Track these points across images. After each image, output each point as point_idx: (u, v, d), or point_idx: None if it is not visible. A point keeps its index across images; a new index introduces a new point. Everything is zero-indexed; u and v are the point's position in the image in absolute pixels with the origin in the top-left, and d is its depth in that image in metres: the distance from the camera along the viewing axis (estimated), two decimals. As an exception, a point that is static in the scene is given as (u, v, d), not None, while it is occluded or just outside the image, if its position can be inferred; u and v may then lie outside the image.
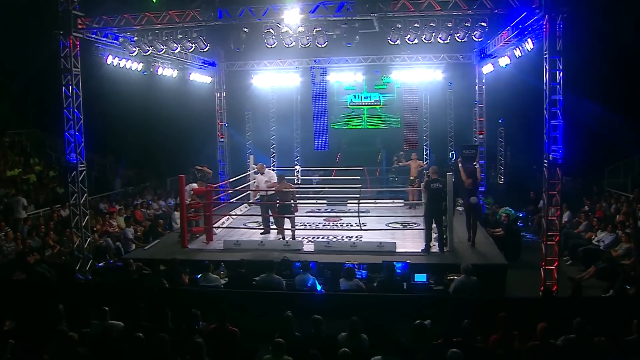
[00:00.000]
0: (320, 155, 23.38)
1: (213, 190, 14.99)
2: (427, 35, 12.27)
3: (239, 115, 23.87)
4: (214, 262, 12.57)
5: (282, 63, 20.35)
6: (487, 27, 11.98)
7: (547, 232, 11.85)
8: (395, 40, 12.64)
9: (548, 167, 11.67)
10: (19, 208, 16.64)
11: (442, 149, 23.86)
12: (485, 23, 11.91)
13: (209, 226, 14.70)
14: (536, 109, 21.61)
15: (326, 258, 13.02)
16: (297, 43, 12.73)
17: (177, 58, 17.53)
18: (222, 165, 21.49)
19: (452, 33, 12.19)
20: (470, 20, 11.92)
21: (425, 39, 12.36)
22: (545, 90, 11.62)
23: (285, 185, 14.71)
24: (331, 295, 10.93)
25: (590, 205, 18.46)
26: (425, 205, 13.69)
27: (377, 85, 23.65)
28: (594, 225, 15.79)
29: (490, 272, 12.25)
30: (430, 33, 12.23)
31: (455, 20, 12.04)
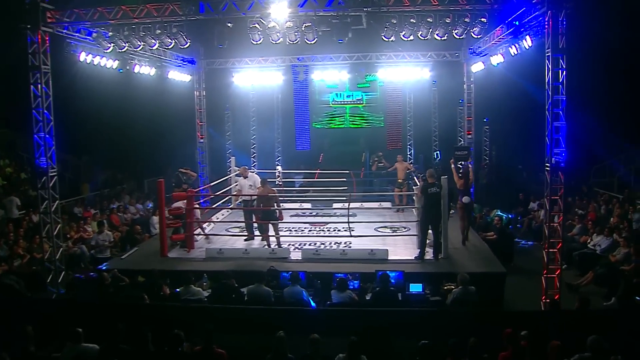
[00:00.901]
0: (302, 156, 22.63)
1: (194, 195, 13.95)
2: (423, 31, 11.47)
3: (219, 115, 23.03)
4: (195, 273, 11.71)
5: (265, 61, 19.41)
6: (487, 23, 11.17)
7: (549, 239, 11.11)
8: (389, 37, 11.81)
9: (550, 171, 10.93)
10: (12, 208, 16.13)
11: (426, 149, 23.16)
12: (485, 19, 11.10)
13: (190, 233, 13.72)
14: (524, 108, 21.34)
15: (315, 267, 12.21)
16: (285, 39, 11.82)
17: (154, 55, 16.50)
18: (202, 167, 20.49)
19: (449, 29, 11.37)
20: (469, 16, 11.09)
21: (422, 35, 11.57)
22: (547, 90, 10.90)
23: (268, 190, 13.77)
24: (326, 311, 10.13)
25: (579, 206, 17.83)
26: (421, 211, 12.85)
27: (360, 83, 22.79)
28: (589, 228, 15.12)
29: (488, 280, 11.50)
30: (426, 29, 11.43)
31: (454, 16, 11.21)
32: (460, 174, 14.48)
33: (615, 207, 16.67)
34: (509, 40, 13.85)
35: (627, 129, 20.22)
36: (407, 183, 17.72)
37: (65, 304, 10.66)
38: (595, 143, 20.37)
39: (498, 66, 15.87)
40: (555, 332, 8.15)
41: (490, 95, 19.66)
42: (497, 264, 12.33)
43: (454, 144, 19.47)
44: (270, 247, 13.57)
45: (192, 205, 13.73)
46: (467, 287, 10.27)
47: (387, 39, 11.90)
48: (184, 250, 13.76)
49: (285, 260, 12.86)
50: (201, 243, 14.20)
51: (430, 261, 12.62)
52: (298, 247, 13.80)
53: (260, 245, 13.94)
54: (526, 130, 21.36)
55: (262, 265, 12.19)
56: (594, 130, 19.52)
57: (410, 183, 17.63)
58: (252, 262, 12.65)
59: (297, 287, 10.58)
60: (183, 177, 15.01)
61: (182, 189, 14.44)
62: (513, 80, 17.78)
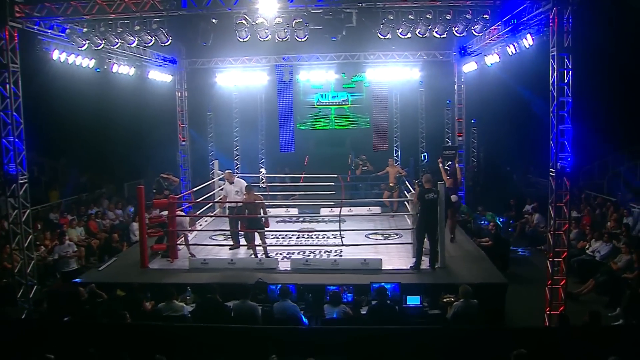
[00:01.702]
0: (286, 158, 21.73)
1: (176, 202, 12.99)
2: (421, 28, 10.67)
3: (201, 117, 22.06)
4: (178, 286, 10.82)
5: (249, 60, 18.49)
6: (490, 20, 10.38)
7: (554, 248, 10.36)
8: (385, 34, 10.99)
9: (555, 176, 10.18)
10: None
11: (413, 150, 22.40)
12: (488, 15, 10.31)
13: (173, 243, 12.77)
14: (515, 109, 20.70)
15: (305, 279, 11.37)
16: (274, 36, 10.92)
17: (134, 54, 15.51)
18: (184, 171, 19.50)
19: (450, 27, 10.56)
20: (471, 12, 10.28)
21: (420, 33, 10.78)
22: (552, 91, 10.19)
23: (254, 197, 12.85)
24: (320, 330, 9.28)
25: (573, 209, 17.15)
26: (418, 218, 12.03)
27: (346, 84, 21.98)
28: (587, 233, 14.42)
29: (488, 291, 10.67)
30: (425, 26, 10.64)
31: (454, 13, 10.40)
32: (448, 174, 14.22)
33: (610, 211, 16.04)
34: (505, 39, 13.09)
35: (617, 131, 19.58)
36: (399, 187, 16.91)
37: (34, 324, 9.63)
38: (582, 145, 19.71)
39: (492, 66, 15.10)
40: (567, 351, 7.60)
41: (481, 96, 18.93)
42: (497, 274, 11.58)
43: (441, 145, 18.56)
44: (257, 256, 12.68)
45: (175, 213, 12.75)
46: (469, 301, 9.58)
47: (382, 36, 11.09)
48: (166, 260, 12.82)
49: (274, 270, 12.01)
50: (185, 252, 13.24)
51: (426, 271, 11.83)
52: (286, 256, 12.95)
53: (247, 254, 13.05)
54: (516, 132, 20.81)
55: (248, 277, 11.40)
56: (583, 131, 18.90)
57: (402, 187, 16.85)
58: (238, 273, 11.79)
59: (287, 302, 9.77)
60: (164, 183, 14.10)
61: (164, 196, 13.51)
62: (505, 81, 17.06)
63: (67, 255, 13.52)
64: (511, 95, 18.86)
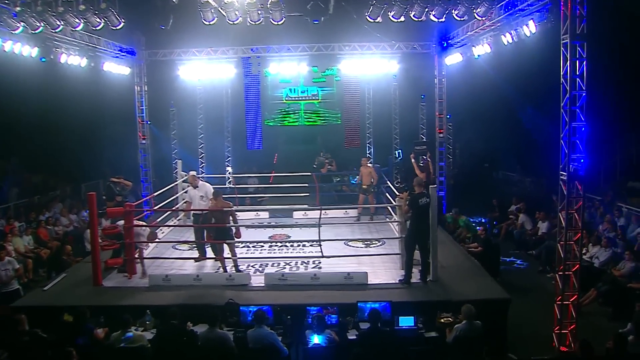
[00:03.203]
0: (254, 156, 20.11)
1: (133, 210, 11.13)
2: (417, 11, 9.08)
3: (163, 113, 20.25)
4: (136, 309, 9.16)
5: (214, 52, 16.64)
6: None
7: (565, 261, 8.94)
8: (375, 17, 9.38)
9: (567, 180, 8.73)
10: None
11: (387, 148, 20.94)
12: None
13: (130, 257, 10.95)
14: (497, 103, 19.40)
15: (282, 297, 9.81)
16: (245, 20, 9.18)
17: (85, 43, 13.53)
18: (145, 172, 17.56)
19: (449, 9, 8.99)
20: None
21: (415, 16, 9.21)
22: (562, 83, 8.75)
23: (222, 204, 11.12)
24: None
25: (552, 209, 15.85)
26: (409, 226, 10.47)
27: (316, 78, 20.41)
28: (583, 237, 13.04)
29: (488, 309, 9.15)
30: (421, 8, 9.03)
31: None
32: (421, 168, 14.01)
33: (599, 211, 14.81)
34: (499, 27, 11.59)
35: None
36: (373, 189, 15.31)
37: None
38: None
39: (479, 58, 13.63)
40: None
41: (464, 90, 17.49)
42: (497, 288, 10.11)
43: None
44: (226, 271, 10.96)
45: (132, 222, 10.93)
46: (473, 323, 8.16)
47: (372, 19, 9.47)
48: (123, 275, 11.01)
49: (246, 287, 10.36)
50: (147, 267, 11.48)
51: (417, 285, 10.31)
52: (259, 269, 11.29)
53: (214, 268, 11.34)
54: (500, 129, 19.51)
55: (217, 295, 9.82)
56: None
57: (381, 190, 15.35)
58: (205, 291, 10.12)
59: (264, 328, 8.18)
60: (116, 188, 12.36)
61: (116, 202, 11.72)
62: (495, 74, 15.64)
63: (6, 274, 11.37)
64: (498, 89, 17.48)
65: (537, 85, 15.39)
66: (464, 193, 18.85)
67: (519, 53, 11.92)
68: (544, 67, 9.55)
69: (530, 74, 14.89)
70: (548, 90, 10.29)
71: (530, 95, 17.43)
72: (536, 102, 17.26)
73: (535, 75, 14.66)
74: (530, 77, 15.44)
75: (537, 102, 17.00)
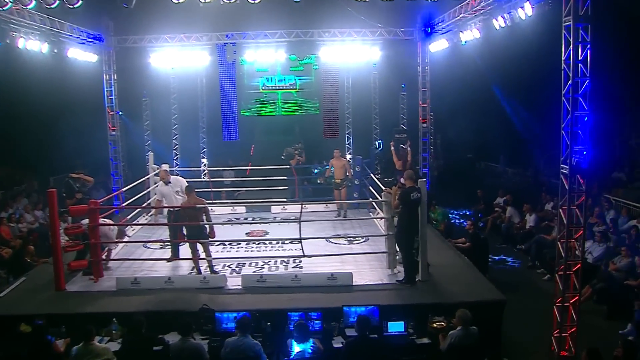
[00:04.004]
0: (230, 147, 19.24)
1: (98, 207, 10.14)
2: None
3: (136, 103, 19.30)
4: (101, 317, 8.31)
5: (187, 38, 15.58)
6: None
7: (566, 260, 8.22)
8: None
9: (569, 174, 7.99)
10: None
11: (367, 138, 20.10)
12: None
13: (96, 258, 9.99)
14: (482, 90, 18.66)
15: (261, 302, 9.00)
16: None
17: (47, 27, 12.38)
18: (115, 165, 16.47)
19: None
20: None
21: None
22: (564, 69, 8.01)
23: (195, 200, 10.21)
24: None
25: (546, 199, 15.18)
26: (399, 222, 9.67)
27: (293, 67, 19.49)
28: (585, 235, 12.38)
29: (482, 311, 8.40)
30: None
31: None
32: (398, 156, 13.67)
33: (586, 204, 14.11)
34: (490, 10, 10.79)
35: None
36: (346, 184, 14.47)
37: None
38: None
39: (466, 45, 12.83)
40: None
41: (448, 78, 16.69)
42: (491, 289, 9.36)
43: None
44: (200, 273, 10.06)
45: (97, 221, 9.96)
46: (469, 329, 7.43)
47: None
48: (89, 279, 10.05)
49: (221, 290, 9.49)
50: (113, 269, 10.54)
51: (405, 286, 9.51)
52: (236, 269, 10.43)
53: (188, 269, 10.43)
54: (483, 118, 18.79)
55: (190, 300, 8.96)
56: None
57: (363, 183, 14.56)
58: (177, 295, 9.25)
59: (248, 339, 7.29)
60: (75, 185, 11.36)
61: (76, 200, 10.75)
62: (476, 62, 14.90)
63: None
64: (485, 77, 16.74)
65: (530, 72, 14.70)
66: (447, 185, 18.18)
67: (513, 38, 11.12)
68: (540, 53, 8.80)
69: (524, 60, 14.12)
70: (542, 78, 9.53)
71: (522, 84, 16.69)
72: (527, 92, 16.61)
73: (530, 61, 13.92)
74: (523, 64, 14.67)
75: (528, 91, 16.37)
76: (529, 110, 17.42)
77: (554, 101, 8.62)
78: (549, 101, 14.01)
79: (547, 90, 10.48)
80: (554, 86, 8.72)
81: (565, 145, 8.07)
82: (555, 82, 8.46)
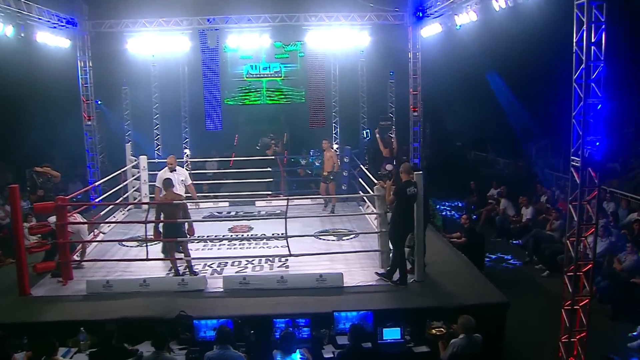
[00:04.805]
0: (213, 137, 18.33)
1: (66, 204, 9.19)
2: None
3: (114, 92, 18.33)
4: (68, 325, 7.44)
5: (166, 23, 14.51)
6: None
7: (576, 260, 7.43)
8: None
9: (580, 166, 7.19)
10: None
11: (354, 127, 19.32)
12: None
13: (65, 259, 9.06)
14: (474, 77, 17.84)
15: (244, 307, 8.17)
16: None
17: (11, 9, 11.25)
18: (91, 156, 15.41)
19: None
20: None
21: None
22: (575, 52, 7.13)
23: (172, 196, 9.30)
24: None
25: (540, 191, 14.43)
26: (392, 219, 8.84)
27: (278, 54, 18.53)
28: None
29: (484, 315, 7.63)
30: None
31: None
32: (385, 143, 13.89)
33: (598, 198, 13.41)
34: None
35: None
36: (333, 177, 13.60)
37: None
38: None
39: (461, 28, 11.95)
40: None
41: (441, 64, 15.82)
42: (493, 290, 8.58)
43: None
44: (179, 274, 9.17)
45: (66, 219, 9.03)
46: (472, 337, 6.75)
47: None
48: (57, 281, 9.13)
49: (201, 294, 8.64)
50: (85, 270, 9.63)
51: (401, 288, 8.70)
52: (217, 269, 9.57)
53: (165, 270, 9.53)
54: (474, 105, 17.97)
55: (167, 306, 8.06)
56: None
57: (352, 175, 13.74)
58: (153, 300, 8.31)
59: (229, 350, 6.51)
60: (39, 180, 10.35)
61: (37, 197, 9.83)
62: (471, 47, 14.03)
63: None
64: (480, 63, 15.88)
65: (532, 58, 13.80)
66: (436, 175, 17.37)
67: (515, 20, 10.21)
68: (545, 36, 7.97)
69: (526, 44, 13.19)
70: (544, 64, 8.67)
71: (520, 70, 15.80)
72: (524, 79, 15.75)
73: (533, 46, 13.01)
74: (525, 48, 13.74)
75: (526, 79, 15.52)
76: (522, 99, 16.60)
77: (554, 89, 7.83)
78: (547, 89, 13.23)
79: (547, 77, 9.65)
80: (557, 72, 7.93)
81: (576, 135, 7.25)
82: (559, 68, 7.67)
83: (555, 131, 16.99)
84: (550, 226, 12.11)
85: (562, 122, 14.11)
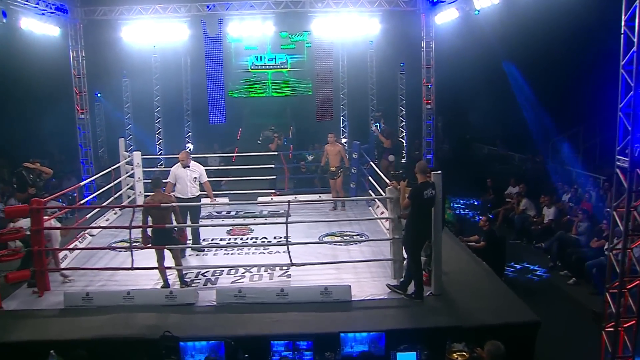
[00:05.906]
0: (216, 131, 17.27)
1: (42, 207, 8.10)
2: None
3: (114, 83, 17.54)
4: (39, 346, 6.37)
5: (163, 10, 13.38)
6: None
7: (622, 276, 6.28)
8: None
9: (629, 167, 6.01)
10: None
11: (363, 121, 18.24)
12: None
13: (41, 267, 8.00)
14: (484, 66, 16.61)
15: (239, 325, 7.11)
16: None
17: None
18: (85, 152, 14.30)
19: None
20: None
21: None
22: (624, 32, 5.95)
23: (161, 197, 8.20)
24: None
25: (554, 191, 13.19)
26: (409, 225, 7.67)
27: (284, 44, 17.49)
28: (603, 229, 10.38)
29: (510, 334, 6.51)
30: None
31: None
32: (385, 135, 14.15)
33: (608, 192, 12.18)
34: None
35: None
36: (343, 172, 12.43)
37: None
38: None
39: (480, 13, 10.75)
40: None
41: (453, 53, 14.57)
42: (521, 306, 7.39)
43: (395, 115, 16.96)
44: (168, 285, 8.08)
45: (42, 223, 7.96)
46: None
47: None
48: (33, 292, 8.07)
49: (191, 308, 7.55)
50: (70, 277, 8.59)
51: (412, 300, 7.58)
52: (211, 278, 8.50)
53: (153, 281, 8.42)
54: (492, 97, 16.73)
55: (151, 323, 6.99)
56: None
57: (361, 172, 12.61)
58: (136, 316, 7.23)
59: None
60: (29, 176, 9.30)
61: (28, 195, 8.78)
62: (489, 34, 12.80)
63: None
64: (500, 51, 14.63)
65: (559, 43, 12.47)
66: (449, 171, 16.18)
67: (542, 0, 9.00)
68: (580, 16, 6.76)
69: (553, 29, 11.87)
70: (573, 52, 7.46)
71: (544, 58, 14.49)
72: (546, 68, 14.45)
73: (563, 29, 11.67)
74: (551, 33, 12.39)
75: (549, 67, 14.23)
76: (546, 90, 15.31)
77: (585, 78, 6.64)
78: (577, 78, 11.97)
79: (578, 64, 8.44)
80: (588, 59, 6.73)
81: (623, 130, 6.08)
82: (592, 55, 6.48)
83: (581, 125, 15.96)
84: (576, 229, 10.88)
85: (591, 116, 12.93)
